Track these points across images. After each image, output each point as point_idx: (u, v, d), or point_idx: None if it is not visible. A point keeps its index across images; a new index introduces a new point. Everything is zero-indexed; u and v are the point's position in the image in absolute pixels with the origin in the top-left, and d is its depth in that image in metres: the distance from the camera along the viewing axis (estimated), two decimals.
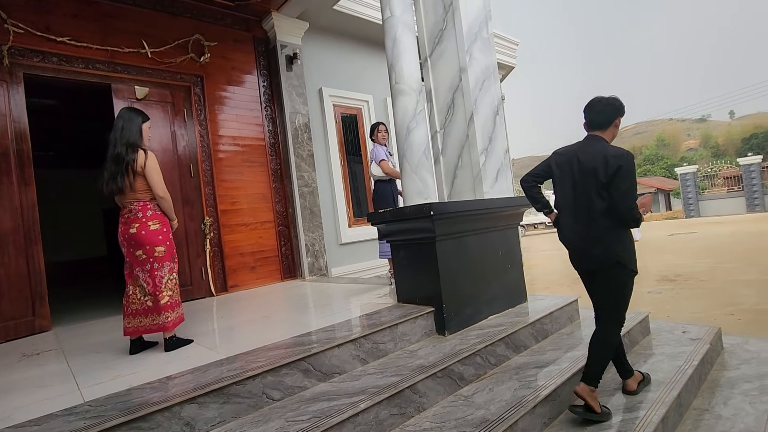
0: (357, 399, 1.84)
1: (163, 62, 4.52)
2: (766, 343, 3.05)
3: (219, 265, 4.79)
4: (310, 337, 2.34)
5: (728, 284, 5.44)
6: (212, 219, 4.77)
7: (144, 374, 2.00)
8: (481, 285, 2.93)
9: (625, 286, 2.12)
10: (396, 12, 3.02)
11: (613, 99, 2.16)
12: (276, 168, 5.37)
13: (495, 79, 3.34)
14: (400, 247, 2.99)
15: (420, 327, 2.64)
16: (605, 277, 2.12)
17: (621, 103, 2.16)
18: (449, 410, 1.98)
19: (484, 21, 3.33)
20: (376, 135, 4.30)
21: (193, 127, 4.75)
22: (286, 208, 5.39)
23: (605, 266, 2.10)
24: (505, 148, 3.35)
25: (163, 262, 2.47)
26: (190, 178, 4.69)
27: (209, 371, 1.94)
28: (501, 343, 2.52)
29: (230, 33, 5.12)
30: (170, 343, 2.42)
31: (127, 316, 2.45)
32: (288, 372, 1.97)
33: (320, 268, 5.34)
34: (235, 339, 2.63)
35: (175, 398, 1.64)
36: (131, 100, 4.30)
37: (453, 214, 2.72)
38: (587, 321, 3.14)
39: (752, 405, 2.23)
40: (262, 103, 5.33)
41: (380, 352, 2.38)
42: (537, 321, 2.82)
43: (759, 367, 2.68)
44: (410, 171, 3.00)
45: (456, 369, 2.21)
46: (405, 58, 3.00)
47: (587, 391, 1.97)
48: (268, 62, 5.42)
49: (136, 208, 2.45)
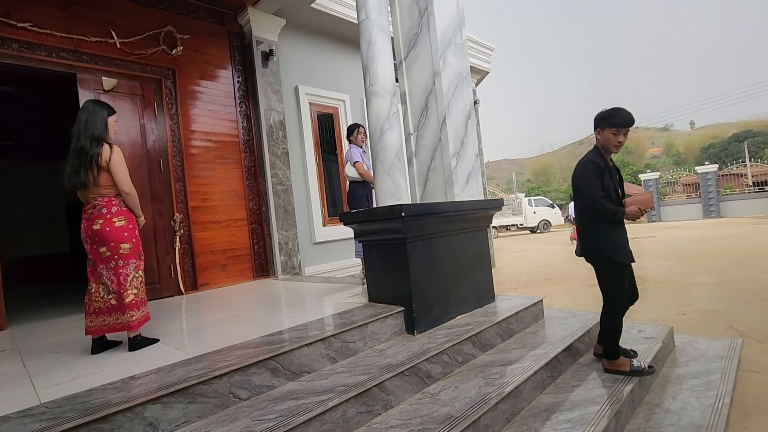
0: (325, 397, 1.86)
1: (132, 53, 4.38)
2: (713, 342, 3.26)
3: (189, 262, 4.69)
4: (279, 336, 2.34)
5: (683, 286, 5.75)
6: (182, 216, 4.66)
7: (106, 374, 1.95)
8: (450, 285, 3.00)
9: (613, 275, 2.44)
10: (372, 15, 3.05)
11: (599, 112, 2.44)
12: (250, 165, 5.30)
13: (468, 84, 3.42)
14: (372, 247, 3.03)
15: (390, 326, 2.68)
16: (596, 268, 2.54)
17: (600, 116, 2.43)
18: (416, 407, 2.03)
19: (458, 27, 3.40)
20: (356, 136, 4.30)
21: (164, 121, 4.63)
22: (260, 206, 5.33)
23: (593, 258, 2.52)
24: (476, 152, 3.44)
25: (128, 260, 2.41)
26: (159, 173, 4.57)
27: (175, 371, 1.91)
28: (468, 342, 2.59)
29: (204, 26, 5.02)
30: (135, 343, 2.37)
31: (89, 314, 2.38)
32: (256, 371, 1.97)
33: (293, 267, 5.31)
34: (203, 338, 2.60)
35: (138, 398, 1.61)
36: (98, 92, 4.16)
37: (424, 216, 2.77)
38: (552, 320, 3.26)
39: (698, 400, 2.39)
40: (237, 99, 5.25)
41: (350, 351, 2.40)
42: (503, 320, 2.91)
43: (706, 364, 2.86)
44: (383, 172, 3.03)
45: (424, 367, 2.26)
46: (380, 60, 3.03)
47: (608, 364, 2.49)
48: (243, 58, 5.34)
49: (100, 203, 2.38)
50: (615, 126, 2.35)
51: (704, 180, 21.56)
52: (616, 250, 2.40)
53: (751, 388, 2.62)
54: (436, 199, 3.34)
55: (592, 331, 3.03)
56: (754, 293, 4.97)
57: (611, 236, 2.40)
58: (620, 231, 2.42)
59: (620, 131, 2.35)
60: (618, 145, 2.39)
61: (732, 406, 2.37)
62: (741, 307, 4.39)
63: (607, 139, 2.39)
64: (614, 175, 2.46)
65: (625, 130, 2.36)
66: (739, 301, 4.63)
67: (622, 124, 2.34)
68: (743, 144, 37.68)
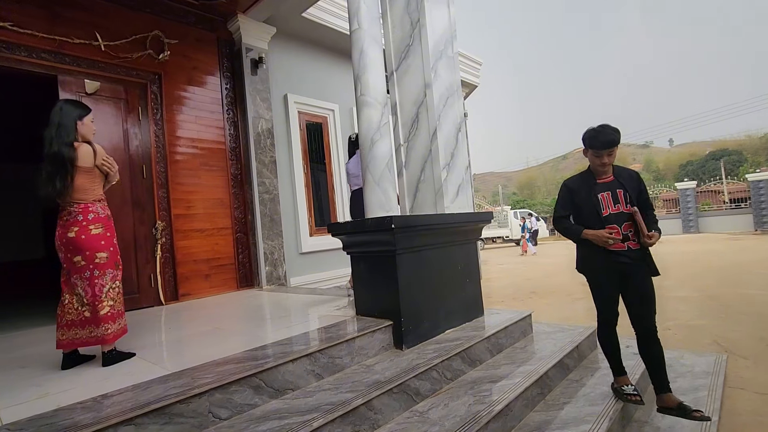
0: (310, 417, 1.78)
1: (117, 56, 4.28)
2: (699, 357, 3.27)
3: (170, 272, 4.54)
4: (263, 351, 2.25)
5: (665, 300, 5.81)
6: (165, 223, 4.53)
7: (76, 392, 1.83)
8: (439, 299, 2.95)
9: (590, 287, 2.48)
10: (364, 25, 3.03)
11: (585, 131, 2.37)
12: (236, 173, 5.20)
13: (458, 96, 3.42)
14: (360, 259, 2.97)
15: (378, 341, 2.61)
16: None
17: (583, 136, 2.37)
18: (404, 427, 1.96)
19: (449, 39, 3.41)
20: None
21: (148, 127, 4.52)
22: (245, 215, 5.23)
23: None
24: (466, 164, 3.43)
25: (105, 269, 2.30)
26: (142, 179, 4.45)
27: (151, 388, 1.81)
28: (457, 357, 2.54)
29: (193, 32, 4.96)
30: (109, 358, 2.25)
31: (61, 327, 2.25)
32: (237, 389, 1.88)
33: (279, 277, 5.20)
34: (183, 352, 2.49)
35: (109, 419, 1.51)
36: (80, 94, 4.04)
37: (414, 228, 2.73)
38: (540, 335, 3.23)
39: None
40: (224, 105, 5.17)
41: (336, 367, 2.32)
42: (493, 335, 2.87)
43: (693, 380, 2.86)
44: (373, 183, 2.99)
45: (412, 384, 2.20)
46: (371, 70, 3.01)
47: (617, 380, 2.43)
48: (231, 65, 5.28)
49: (76, 210, 2.27)
50: (593, 148, 2.31)
51: (684, 196, 22.15)
52: (581, 263, 2.48)
53: (738, 405, 2.62)
54: (426, 211, 3.31)
55: (581, 346, 3.01)
56: (736, 308, 5.05)
57: (582, 250, 2.46)
58: (590, 246, 2.35)
59: (600, 153, 2.29)
60: (601, 165, 2.32)
61: (720, 423, 2.37)
62: (724, 322, 4.45)
63: (591, 160, 2.37)
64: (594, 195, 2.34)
65: (606, 152, 2.28)
66: (722, 316, 4.69)
67: (599, 146, 2.28)
68: (719, 162, 38.96)
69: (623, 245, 2.28)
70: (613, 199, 2.32)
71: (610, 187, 2.34)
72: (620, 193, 2.31)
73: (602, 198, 2.33)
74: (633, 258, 2.29)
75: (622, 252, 2.29)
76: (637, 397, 2.27)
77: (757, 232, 18.63)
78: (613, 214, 2.30)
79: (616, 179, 2.36)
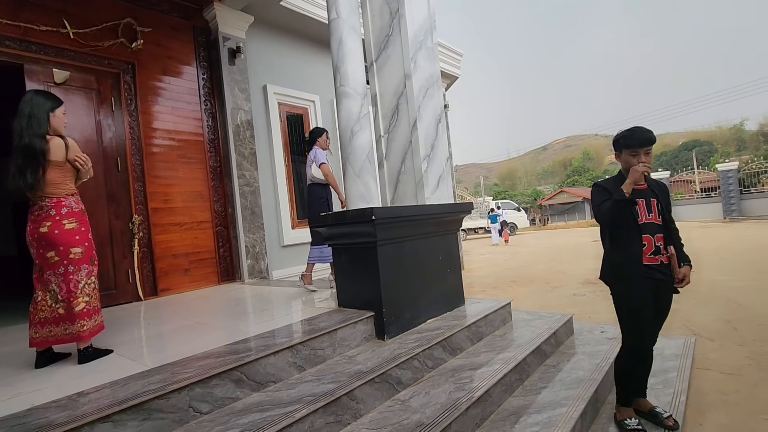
0: (292, 408, 1.79)
1: (87, 45, 4.13)
2: (669, 341, 3.41)
3: (148, 267, 4.46)
4: (244, 345, 2.25)
5: None
6: (142, 217, 4.43)
7: (50, 391, 1.80)
8: (421, 289, 2.98)
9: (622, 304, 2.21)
10: (342, 14, 3.00)
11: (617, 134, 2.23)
12: (215, 166, 5.11)
13: (438, 87, 3.43)
14: (342, 251, 2.97)
15: (360, 332, 2.63)
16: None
17: (616, 138, 2.21)
18: (386, 415, 1.99)
19: (429, 30, 3.41)
20: (324, 139, 4.15)
21: (122, 118, 4.39)
22: (225, 208, 5.15)
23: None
24: (446, 155, 3.45)
25: (80, 265, 2.24)
26: (116, 172, 4.33)
27: (129, 385, 1.79)
28: (438, 346, 2.58)
29: (167, 20, 4.81)
30: (85, 355, 2.20)
31: (34, 325, 2.19)
32: (218, 383, 1.87)
33: (261, 270, 5.16)
34: (162, 348, 2.45)
35: (85, 417, 1.48)
36: (48, 84, 3.88)
37: (394, 219, 2.75)
38: (519, 323, 3.31)
39: (657, 398, 2.47)
40: (201, 96, 5.05)
41: (318, 359, 2.33)
42: (473, 324, 2.92)
43: (663, 363, 2.98)
44: (353, 174, 2.98)
45: (394, 373, 2.23)
46: (350, 60, 2.99)
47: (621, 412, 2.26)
48: (208, 54, 5.16)
49: (48, 204, 2.20)
50: (629, 147, 2.14)
51: None
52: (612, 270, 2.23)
53: (705, 385, 2.75)
54: (407, 203, 3.33)
55: (558, 333, 3.10)
56: (705, 294, 5.26)
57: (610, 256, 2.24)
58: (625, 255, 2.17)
59: (638, 152, 2.11)
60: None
61: (688, 403, 2.48)
62: (694, 307, 4.63)
63: (627, 161, 2.16)
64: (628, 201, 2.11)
65: (644, 150, 2.11)
66: (692, 301, 4.88)
67: (636, 144, 2.11)
68: (692, 152, 40.21)
69: (656, 259, 2.13)
70: (647, 208, 2.15)
71: (644, 194, 2.16)
72: (653, 203, 2.15)
73: (639, 204, 2.15)
74: (665, 274, 2.14)
75: (655, 266, 2.13)
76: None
77: (726, 220, 19.37)
78: (647, 223, 2.14)
79: (650, 188, 2.20)
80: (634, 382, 2.25)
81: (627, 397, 2.25)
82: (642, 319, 2.14)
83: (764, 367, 2.93)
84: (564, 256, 10.59)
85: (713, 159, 36.27)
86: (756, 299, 4.79)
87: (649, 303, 2.12)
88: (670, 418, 2.20)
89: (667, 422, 2.18)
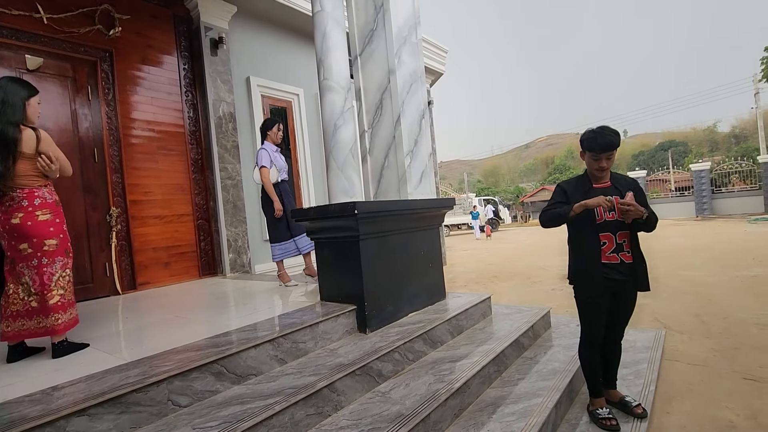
0: (272, 401, 1.80)
1: (62, 31, 4.00)
2: (641, 333, 3.54)
3: (127, 260, 4.37)
4: (225, 338, 2.24)
5: None
6: (120, 210, 4.33)
7: (23, 385, 1.76)
8: (402, 283, 3.01)
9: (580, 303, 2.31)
10: (327, 7, 2.98)
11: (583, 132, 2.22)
12: (196, 158, 5.03)
13: (422, 83, 3.45)
14: (324, 245, 2.98)
15: (342, 325, 2.65)
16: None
17: (581, 137, 2.22)
18: (366, 407, 2.02)
19: (413, 25, 3.42)
20: (275, 132, 3.93)
21: (99, 107, 4.28)
22: (207, 201, 5.08)
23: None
24: (429, 151, 3.48)
25: (54, 257, 2.19)
26: (93, 163, 4.22)
27: (106, 378, 1.76)
28: (419, 339, 2.62)
29: (147, 7, 4.69)
30: (60, 349, 2.16)
31: (6, 318, 2.13)
32: (198, 376, 1.86)
33: (243, 264, 5.12)
34: (141, 341, 2.42)
35: (60, 411, 1.46)
36: (20, 71, 3.75)
37: (377, 214, 2.76)
38: (499, 317, 3.38)
39: (628, 388, 2.57)
40: (183, 87, 4.95)
41: (300, 352, 2.34)
42: (453, 317, 2.97)
43: (634, 354, 3.09)
44: (336, 169, 2.98)
45: (375, 366, 2.26)
46: (334, 54, 2.98)
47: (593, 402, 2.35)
48: (190, 44, 5.05)
49: (20, 195, 2.14)
50: (591, 150, 2.15)
51: None
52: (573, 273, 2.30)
53: (673, 375, 2.87)
54: (390, 197, 3.35)
55: (536, 326, 3.18)
56: (676, 288, 5.45)
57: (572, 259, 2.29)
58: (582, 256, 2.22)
59: (599, 156, 2.13)
60: (599, 169, 2.17)
61: (657, 392, 2.59)
62: (664, 301, 4.80)
63: (588, 163, 2.21)
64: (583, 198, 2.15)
65: (605, 155, 2.12)
66: (663, 295, 5.06)
67: (597, 149, 2.12)
68: (668, 152, 41.41)
69: (616, 257, 2.16)
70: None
71: (606, 193, 2.17)
72: (617, 200, 2.11)
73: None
74: (625, 274, 2.17)
75: (614, 266, 2.16)
76: (612, 422, 2.18)
77: (698, 218, 20.05)
78: (607, 222, 2.16)
79: (613, 185, 2.21)
80: (597, 373, 2.34)
81: (596, 387, 2.34)
82: (596, 318, 2.25)
83: (728, 358, 3.07)
84: (545, 252, 10.80)
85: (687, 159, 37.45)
86: (723, 294, 4.99)
87: (604, 301, 2.21)
88: (639, 406, 2.30)
89: (636, 410, 2.28)
